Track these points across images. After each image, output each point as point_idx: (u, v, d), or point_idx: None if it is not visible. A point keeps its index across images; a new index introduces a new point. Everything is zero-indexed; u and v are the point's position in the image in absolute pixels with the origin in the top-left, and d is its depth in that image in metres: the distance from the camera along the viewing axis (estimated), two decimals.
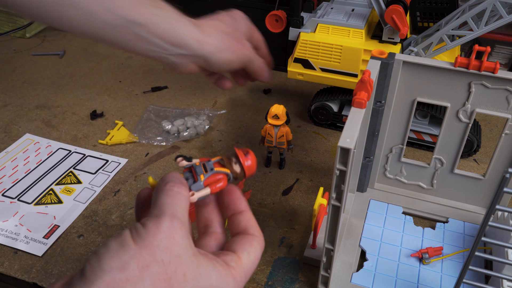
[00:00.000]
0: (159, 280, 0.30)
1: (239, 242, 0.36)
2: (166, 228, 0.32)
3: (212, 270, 0.33)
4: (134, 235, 0.31)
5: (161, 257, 0.31)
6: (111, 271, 0.29)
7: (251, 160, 0.39)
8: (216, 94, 0.98)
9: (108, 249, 0.30)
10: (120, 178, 0.76)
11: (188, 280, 0.31)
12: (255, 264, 0.36)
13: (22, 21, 1.13)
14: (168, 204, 0.33)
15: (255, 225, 0.38)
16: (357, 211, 0.69)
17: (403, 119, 0.65)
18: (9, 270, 0.61)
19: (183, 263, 0.32)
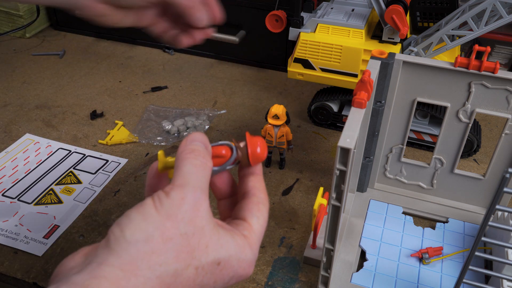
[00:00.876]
0: (182, 252, 0.31)
1: (247, 208, 0.37)
2: (191, 200, 0.32)
3: (231, 241, 0.33)
4: (157, 205, 0.31)
5: (185, 229, 0.31)
6: (136, 243, 0.29)
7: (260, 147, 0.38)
8: (216, 94, 0.98)
9: (131, 220, 0.30)
10: (120, 178, 0.76)
11: (209, 251, 0.32)
12: (264, 227, 0.37)
13: (22, 21, 1.13)
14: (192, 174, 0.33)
15: (262, 187, 0.38)
16: (357, 211, 0.69)
17: (403, 119, 0.65)
18: (9, 270, 0.61)
19: (205, 235, 0.32)
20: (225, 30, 1.02)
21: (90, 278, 0.28)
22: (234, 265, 0.33)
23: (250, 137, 0.38)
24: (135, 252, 0.29)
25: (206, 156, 0.35)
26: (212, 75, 1.05)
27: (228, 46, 1.05)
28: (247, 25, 1.03)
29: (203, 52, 1.11)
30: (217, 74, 1.06)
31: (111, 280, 0.28)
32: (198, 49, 1.11)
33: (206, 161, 0.35)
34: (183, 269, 0.30)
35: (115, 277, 0.28)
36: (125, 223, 0.30)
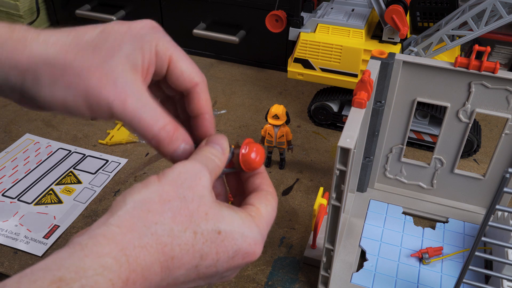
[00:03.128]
0: (180, 214, 0.31)
1: (255, 196, 0.37)
2: (192, 169, 0.33)
3: (235, 216, 0.34)
4: (160, 176, 0.32)
5: (183, 193, 0.32)
6: (133, 203, 0.31)
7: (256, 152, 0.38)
8: (216, 94, 0.98)
9: (132, 188, 0.32)
10: (120, 178, 0.76)
11: (209, 219, 0.32)
12: (273, 216, 0.37)
13: (22, 21, 1.13)
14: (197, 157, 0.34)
15: (269, 183, 0.39)
16: (357, 211, 0.69)
17: (403, 119, 0.65)
18: (9, 270, 0.61)
19: (205, 203, 0.32)
20: (225, 30, 1.02)
21: (88, 237, 0.29)
22: (238, 238, 0.33)
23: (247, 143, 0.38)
24: (132, 210, 0.30)
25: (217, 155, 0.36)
26: (212, 75, 1.05)
27: (228, 46, 1.05)
28: (247, 25, 1.03)
29: (203, 52, 1.11)
30: (217, 74, 1.06)
31: (107, 236, 0.29)
32: (198, 49, 1.11)
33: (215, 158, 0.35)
34: (180, 231, 0.31)
35: (112, 233, 0.29)
36: (127, 191, 0.32)
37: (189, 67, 0.37)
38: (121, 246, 0.29)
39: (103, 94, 0.33)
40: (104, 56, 0.33)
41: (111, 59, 0.33)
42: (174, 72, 0.37)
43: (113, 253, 0.28)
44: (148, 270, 0.29)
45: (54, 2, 1.16)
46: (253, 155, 0.37)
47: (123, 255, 0.28)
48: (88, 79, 0.33)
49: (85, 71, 0.33)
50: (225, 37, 1.01)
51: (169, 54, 0.36)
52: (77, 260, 0.27)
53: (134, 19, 0.37)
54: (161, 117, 0.35)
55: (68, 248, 0.28)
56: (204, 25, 1.05)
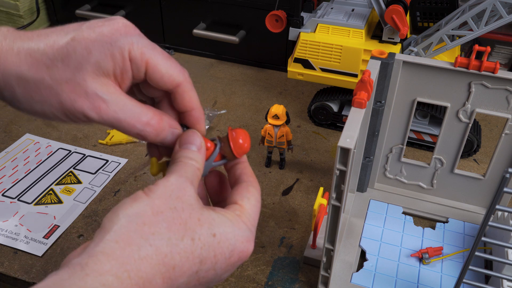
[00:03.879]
0: (174, 223, 0.32)
1: (236, 192, 0.38)
2: (175, 181, 0.33)
3: (223, 218, 0.34)
4: (146, 191, 0.33)
5: (174, 204, 0.32)
6: (128, 217, 0.31)
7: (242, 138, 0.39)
8: (216, 94, 0.98)
9: (123, 203, 0.32)
10: (120, 178, 0.76)
11: (203, 224, 0.33)
12: (258, 208, 0.38)
13: (22, 21, 1.13)
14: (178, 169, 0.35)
15: (249, 172, 0.39)
16: (357, 211, 0.69)
17: (403, 119, 0.65)
18: (9, 270, 0.61)
19: (196, 210, 0.33)
20: (225, 30, 1.02)
21: (88, 256, 0.29)
22: (231, 238, 0.34)
23: (232, 130, 0.39)
24: (127, 224, 0.30)
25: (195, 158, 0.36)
26: (212, 75, 1.05)
27: (228, 46, 1.05)
28: (247, 25, 1.03)
29: (203, 52, 1.11)
30: (217, 74, 1.06)
31: (107, 253, 0.29)
32: (198, 49, 1.11)
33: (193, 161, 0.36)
34: (178, 239, 0.31)
35: (111, 249, 0.29)
36: (118, 206, 0.32)
37: (169, 69, 0.36)
38: (121, 261, 0.29)
39: (76, 106, 0.34)
40: (74, 68, 0.34)
41: (80, 70, 0.34)
42: (154, 76, 0.36)
43: (113, 270, 0.28)
44: (150, 282, 0.29)
45: (54, 2, 1.16)
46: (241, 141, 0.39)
47: (124, 271, 0.28)
48: (60, 94, 0.34)
49: (57, 86, 0.34)
50: (225, 37, 1.01)
51: (146, 58, 0.35)
52: (78, 280, 0.27)
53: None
54: (143, 114, 0.36)
55: (67, 269, 0.28)
56: (204, 25, 1.05)
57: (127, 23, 0.36)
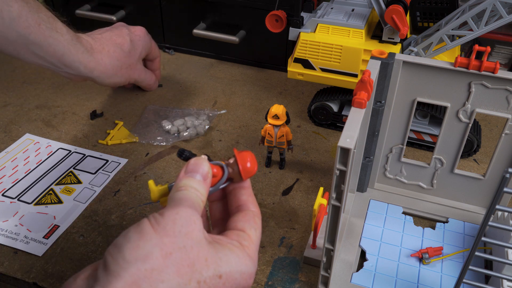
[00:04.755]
0: (182, 266, 0.31)
1: (244, 219, 0.38)
2: (185, 215, 0.33)
3: (230, 255, 0.34)
4: (153, 224, 0.32)
5: (183, 243, 0.32)
6: (136, 262, 0.30)
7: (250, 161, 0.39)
8: (216, 94, 0.98)
9: (128, 239, 0.31)
10: (120, 178, 0.76)
11: (210, 264, 0.32)
12: (260, 238, 0.38)
13: None
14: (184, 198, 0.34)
15: (254, 200, 0.40)
16: (357, 211, 0.69)
17: (403, 119, 0.65)
18: (9, 270, 0.61)
19: (204, 248, 0.33)
20: (225, 30, 1.02)
21: None
22: (237, 278, 0.34)
23: (238, 153, 0.39)
24: (135, 271, 0.29)
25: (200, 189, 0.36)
26: (212, 75, 1.05)
27: (228, 46, 1.05)
28: (247, 25, 1.03)
29: (203, 52, 1.11)
30: (217, 74, 1.06)
31: None
32: (198, 49, 1.11)
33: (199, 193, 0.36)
34: (186, 284, 0.31)
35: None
36: (123, 244, 0.30)
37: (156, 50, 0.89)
38: None
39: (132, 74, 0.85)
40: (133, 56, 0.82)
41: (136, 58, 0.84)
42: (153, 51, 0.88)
43: None
44: None
45: (54, 2, 1.16)
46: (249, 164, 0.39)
47: None
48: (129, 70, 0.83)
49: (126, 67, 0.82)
50: (225, 37, 1.01)
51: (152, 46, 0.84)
52: None
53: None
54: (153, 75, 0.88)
55: None
56: (204, 25, 1.05)
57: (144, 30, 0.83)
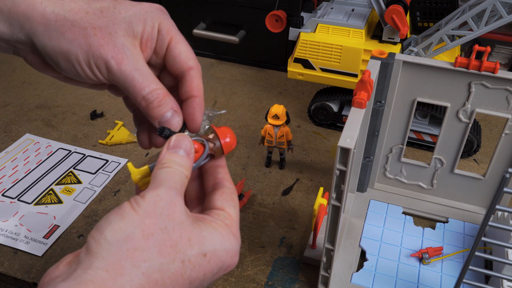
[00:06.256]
0: (165, 246, 0.31)
1: (222, 198, 0.37)
2: (165, 196, 0.32)
3: (214, 233, 0.34)
4: (134, 206, 0.32)
5: (165, 224, 0.31)
6: (117, 243, 0.30)
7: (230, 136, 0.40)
8: (216, 94, 0.98)
9: (109, 222, 0.31)
10: (120, 178, 0.76)
11: (193, 244, 0.32)
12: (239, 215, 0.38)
13: None
14: (167, 178, 0.34)
15: (230, 179, 0.40)
16: (357, 211, 0.69)
17: (403, 119, 0.65)
18: (9, 270, 0.61)
19: (186, 229, 0.32)
20: (225, 30, 1.02)
21: (75, 284, 0.28)
22: (222, 255, 0.34)
23: (218, 128, 0.39)
24: (117, 252, 0.29)
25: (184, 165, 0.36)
26: (212, 75, 1.05)
27: (228, 46, 1.05)
28: (247, 25, 1.03)
29: (203, 52, 1.11)
30: (217, 74, 1.06)
31: (97, 283, 0.28)
32: (198, 49, 1.11)
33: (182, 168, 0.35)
34: (169, 263, 0.31)
35: (101, 279, 0.28)
36: (104, 226, 0.30)
37: (187, 50, 0.40)
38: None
39: (102, 50, 0.37)
40: (110, 20, 0.38)
41: (115, 24, 0.38)
42: (173, 52, 0.40)
43: None
44: None
45: None
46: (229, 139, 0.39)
47: None
48: (91, 36, 0.37)
49: (90, 29, 0.37)
50: (225, 37, 1.01)
51: (171, 34, 0.39)
52: None
53: None
54: (154, 82, 0.38)
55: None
56: (204, 25, 1.05)
57: (162, 7, 0.41)
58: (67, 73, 0.39)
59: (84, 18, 0.37)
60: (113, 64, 0.37)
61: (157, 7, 0.40)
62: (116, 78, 0.38)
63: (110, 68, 0.37)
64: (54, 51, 0.37)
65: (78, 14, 0.37)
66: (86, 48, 0.37)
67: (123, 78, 0.37)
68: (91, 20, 0.37)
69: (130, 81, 0.37)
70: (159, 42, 0.39)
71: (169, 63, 0.40)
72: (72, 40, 0.37)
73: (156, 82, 0.39)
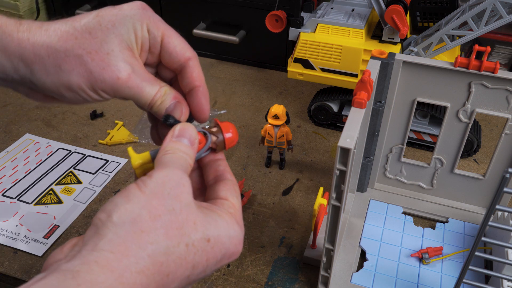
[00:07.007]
0: (171, 228, 0.31)
1: (225, 189, 0.37)
2: (174, 176, 0.32)
3: (219, 219, 0.34)
4: (141, 186, 0.31)
5: (172, 205, 0.31)
6: (124, 225, 0.29)
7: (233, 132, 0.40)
8: (216, 94, 0.98)
9: (116, 204, 0.30)
10: (120, 178, 0.76)
11: (198, 228, 0.32)
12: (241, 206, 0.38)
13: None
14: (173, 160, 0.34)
15: (230, 170, 0.40)
16: (357, 211, 0.69)
17: (403, 119, 0.65)
18: (9, 270, 0.61)
19: (192, 212, 0.32)
20: (225, 30, 1.02)
21: (80, 264, 0.28)
22: (226, 242, 0.33)
23: (221, 123, 0.40)
24: (124, 233, 0.29)
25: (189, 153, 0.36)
26: (212, 75, 1.05)
27: (228, 46, 1.05)
28: (247, 25, 1.03)
29: (203, 52, 1.11)
30: (217, 74, 1.06)
31: (101, 263, 0.28)
32: (198, 49, 1.11)
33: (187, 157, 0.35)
34: (174, 246, 0.31)
35: (106, 260, 0.28)
36: (111, 208, 0.30)
37: (181, 42, 0.40)
38: (117, 274, 0.28)
39: (106, 74, 0.36)
40: (101, 39, 0.36)
41: (107, 42, 0.36)
42: (167, 47, 0.39)
43: (108, 281, 0.27)
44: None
45: (54, 2, 1.16)
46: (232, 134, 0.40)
47: (120, 284, 0.27)
48: (89, 62, 0.36)
49: (86, 55, 0.36)
50: (225, 37, 1.01)
51: (162, 30, 0.39)
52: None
53: None
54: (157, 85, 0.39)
55: (57, 274, 0.27)
56: (204, 25, 1.05)
57: (143, 3, 0.39)
58: (73, 101, 0.38)
59: (76, 44, 0.36)
60: (121, 83, 0.37)
61: (138, 6, 0.39)
62: (125, 94, 0.38)
63: (117, 88, 0.37)
64: (55, 86, 0.37)
65: (67, 41, 0.36)
66: (88, 75, 0.36)
67: (132, 93, 0.38)
68: (83, 45, 0.36)
69: (140, 93, 0.38)
70: (151, 41, 0.39)
71: (166, 58, 0.40)
72: (70, 70, 0.36)
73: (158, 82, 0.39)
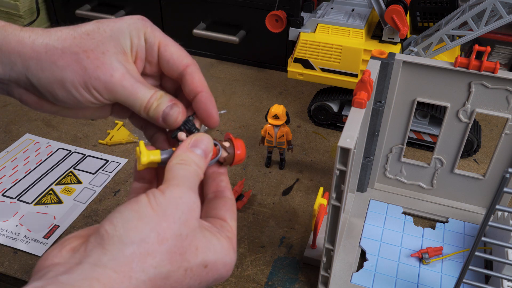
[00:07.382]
0: (175, 253, 0.31)
1: (224, 208, 0.38)
2: (188, 200, 0.32)
3: (218, 245, 0.34)
4: (153, 204, 0.31)
5: (180, 231, 0.31)
6: (131, 245, 0.29)
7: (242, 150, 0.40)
8: (216, 94, 0.98)
9: (126, 219, 0.30)
10: (120, 178, 0.76)
11: (199, 253, 0.32)
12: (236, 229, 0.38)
13: (22, 21, 1.13)
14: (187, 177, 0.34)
15: (231, 188, 0.40)
16: (357, 211, 0.69)
17: (403, 119, 0.65)
18: (9, 270, 0.61)
19: (196, 237, 0.33)
20: (225, 30, 1.02)
21: (81, 279, 0.27)
22: (220, 268, 0.34)
23: (234, 140, 0.40)
24: (130, 254, 0.29)
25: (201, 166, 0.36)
26: (212, 75, 1.05)
27: (228, 46, 1.05)
28: (247, 25, 1.03)
29: (203, 52, 1.11)
30: (217, 74, 1.06)
31: (103, 282, 0.28)
32: (198, 49, 1.11)
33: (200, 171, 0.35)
34: (174, 271, 0.31)
35: (108, 279, 0.28)
36: (120, 222, 0.30)
37: (178, 50, 0.40)
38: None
39: (100, 72, 0.37)
40: (98, 40, 0.37)
41: (104, 43, 0.38)
42: (164, 55, 0.40)
43: None
44: None
45: (54, 2, 1.16)
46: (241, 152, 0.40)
47: None
48: (84, 60, 0.37)
49: (82, 53, 0.37)
50: (225, 37, 1.01)
51: (158, 39, 0.39)
52: None
53: None
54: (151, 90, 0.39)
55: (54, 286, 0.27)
56: (204, 25, 1.05)
57: (143, 16, 0.41)
58: (65, 102, 0.38)
59: (73, 43, 0.37)
60: (115, 81, 0.37)
61: (138, 18, 0.40)
62: (118, 95, 0.37)
63: (111, 87, 0.37)
64: (49, 82, 0.37)
65: (66, 41, 0.37)
66: (82, 72, 0.37)
67: (126, 93, 0.37)
68: (80, 44, 0.37)
69: (135, 94, 0.38)
70: (148, 50, 0.39)
71: (165, 67, 0.40)
72: (65, 67, 0.36)
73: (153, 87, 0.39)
